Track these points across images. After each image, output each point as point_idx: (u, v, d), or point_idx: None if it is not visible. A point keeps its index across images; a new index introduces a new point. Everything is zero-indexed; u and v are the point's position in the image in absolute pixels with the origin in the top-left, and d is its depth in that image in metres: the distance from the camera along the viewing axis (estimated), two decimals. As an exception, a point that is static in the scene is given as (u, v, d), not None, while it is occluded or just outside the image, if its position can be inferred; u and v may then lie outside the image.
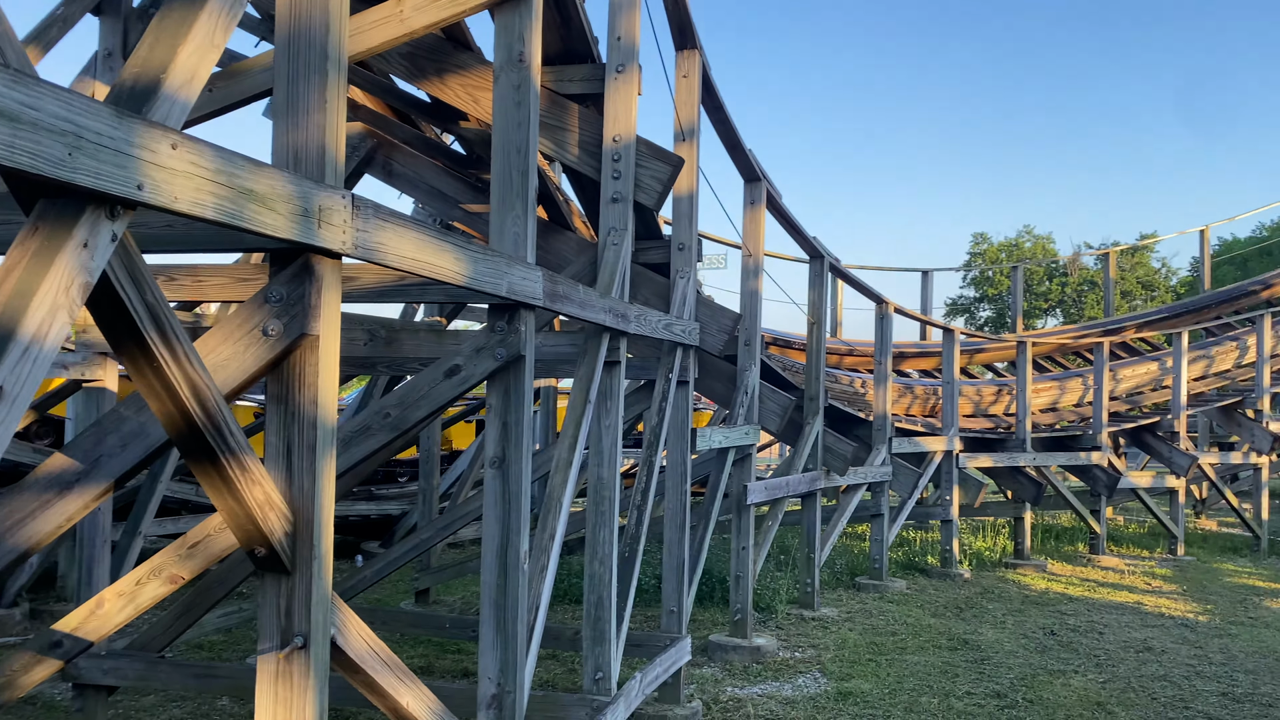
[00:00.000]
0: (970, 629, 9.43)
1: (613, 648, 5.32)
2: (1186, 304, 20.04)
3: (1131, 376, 16.65)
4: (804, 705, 6.83)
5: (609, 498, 5.38)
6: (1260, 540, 15.64)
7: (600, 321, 4.82)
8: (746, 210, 8.27)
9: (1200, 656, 8.63)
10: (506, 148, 4.11)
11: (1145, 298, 42.83)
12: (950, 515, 12.44)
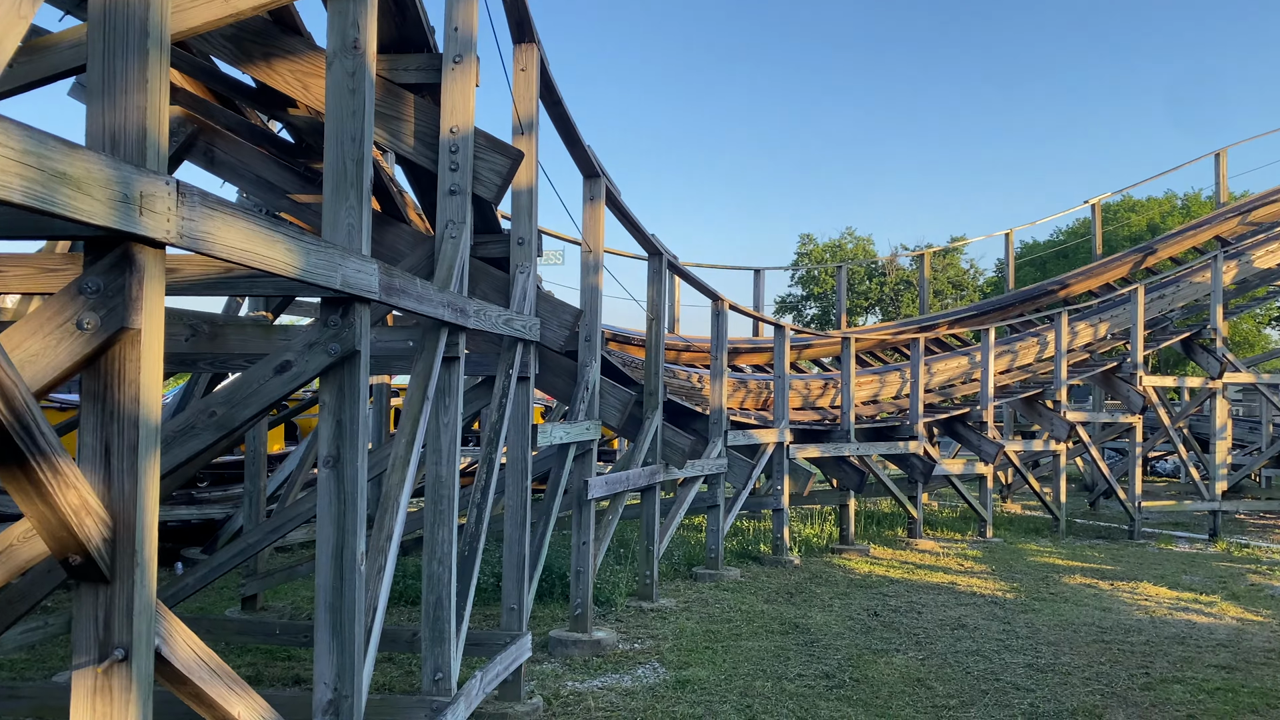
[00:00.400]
0: (800, 613, 9.80)
1: (452, 647, 5.25)
2: (993, 302, 21.44)
3: (944, 370, 17.68)
4: (643, 695, 6.93)
5: (448, 496, 5.31)
6: (1059, 521, 16.92)
7: (439, 316, 4.74)
8: (586, 206, 8.30)
9: (1008, 631, 9.26)
10: (340, 136, 3.99)
11: (956, 296, 45.56)
12: (781, 504, 12.89)
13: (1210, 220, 22.08)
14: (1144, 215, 45.10)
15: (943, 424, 16.53)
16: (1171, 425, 18.00)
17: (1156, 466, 28.35)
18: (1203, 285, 18.59)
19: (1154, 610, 10.45)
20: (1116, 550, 15.06)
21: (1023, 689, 7.31)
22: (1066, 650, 8.54)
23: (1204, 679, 7.63)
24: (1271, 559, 14.49)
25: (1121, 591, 11.54)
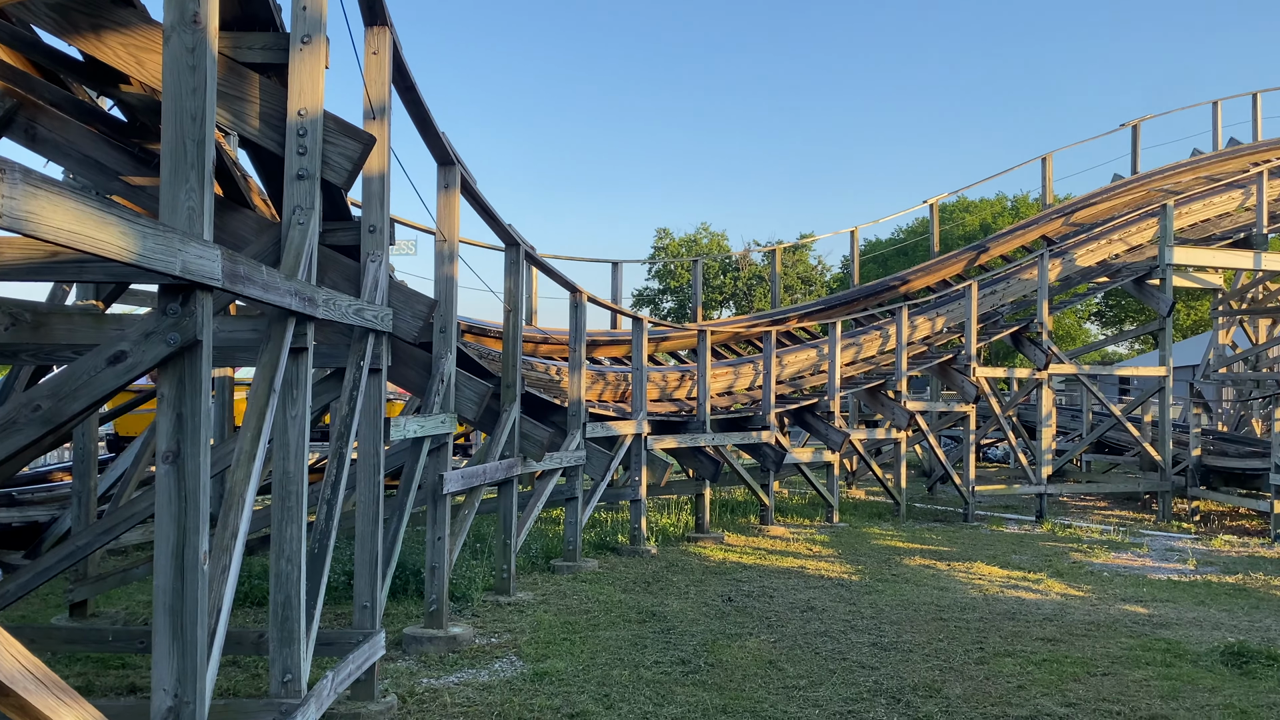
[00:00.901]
0: (657, 601, 9.93)
1: (302, 648, 5.08)
2: (839, 297, 22.22)
3: (795, 362, 18.23)
4: (500, 689, 6.89)
5: (296, 492, 5.13)
6: (900, 506, 17.72)
7: (286, 305, 4.57)
8: (441, 194, 8.16)
9: (854, 612, 9.64)
10: (180, 115, 3.79)
11: (805, 291, 46.98)
12: (639, 495, 13.02)
13: (1037, 221, 23.51)
14: (978, 215, 47.64)
15: (793, 414, 17.04)
16: (1002, 414, 19.10)
17: (988, 453, 30.04)
18: (1030, 282, 19.78)
19: (987, 588, 11.07)
20: (953, 532, 15.88)
21: (868, 667, 7.63)
22: (908, 629, 8.95)
23: (1032, 651, 8.14)
24: (1091, 538, 15.58)
25: (958, 571, 12.17)
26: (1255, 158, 23.86)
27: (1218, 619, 9.58)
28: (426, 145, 7.78)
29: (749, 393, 17.24)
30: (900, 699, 6.80)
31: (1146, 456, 18.81)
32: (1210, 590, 11.23)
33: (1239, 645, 8.08)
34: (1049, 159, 24.04)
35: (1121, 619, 9.48)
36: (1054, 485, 18.57)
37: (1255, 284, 24.15)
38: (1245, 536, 16.08)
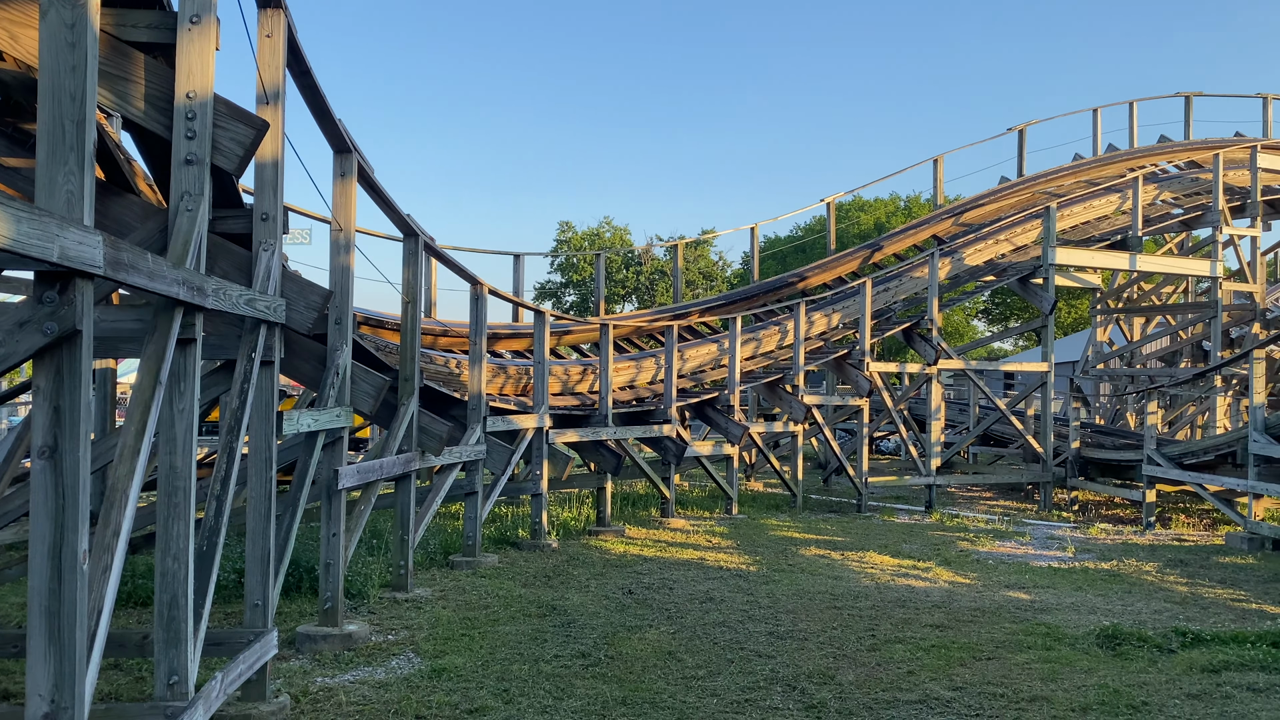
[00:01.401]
0: (558, 595, 9.92)
1: (189, 649, 4.91)
2: (740, 292, 22.52)
3: (696, 357, 18.41)
4: (398, 686, 6.79)
5: (183, 488, 4.95)
6: (797, 498, 18.08)
7: (172, 294, 4.41)
8: (337, 183, 7.97)
9: (752, 602, 9.80)
10: (58, 94, 3.61)
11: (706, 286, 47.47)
12: (540, 489, 12.98)
13: (928, 221, 24.23)
14: (873, 214, 48.87)
15: (694, 408, 17.21)
16: (894, 407, 19.65)
17: (881, 445, 30.88)
18: (921, 280, 20.39)
19: (879, 577, 11.39)
20: (846, 523, 16.28)
21: (764, 655, 7.77)
22: (803, 617, 9.14)
23: (921, 638, 8.41)
24: (977, 527, 16.17)
25: (850, 561, 12.49)
26: (1132, 163, 25.05)
27: (1094, 604, 10.06)
28: (323, 132, 7.59)
29: (651, 387, 17.34)
30: (795, 686, 6.95)
31: (1029, 449, 19.60)
32: (1087, 576, 11.77)
33: (1113, 628, 8.49)
34: (940, 161, 24.80)
35: (1005, 605, 9.86)
36: (942, 476, 19.20)
37: (1131, 284, 25.39)
38: (1120, 525, 16.90)
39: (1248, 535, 14.12)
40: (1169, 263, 22.67)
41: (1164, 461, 16.38)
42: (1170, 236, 25.09)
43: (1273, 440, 13.99)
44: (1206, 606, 10.06)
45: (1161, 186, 23.53)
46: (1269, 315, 23.00)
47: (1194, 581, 11.50)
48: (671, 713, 6.38)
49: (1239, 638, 8.16)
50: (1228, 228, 21.50)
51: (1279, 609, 9.98)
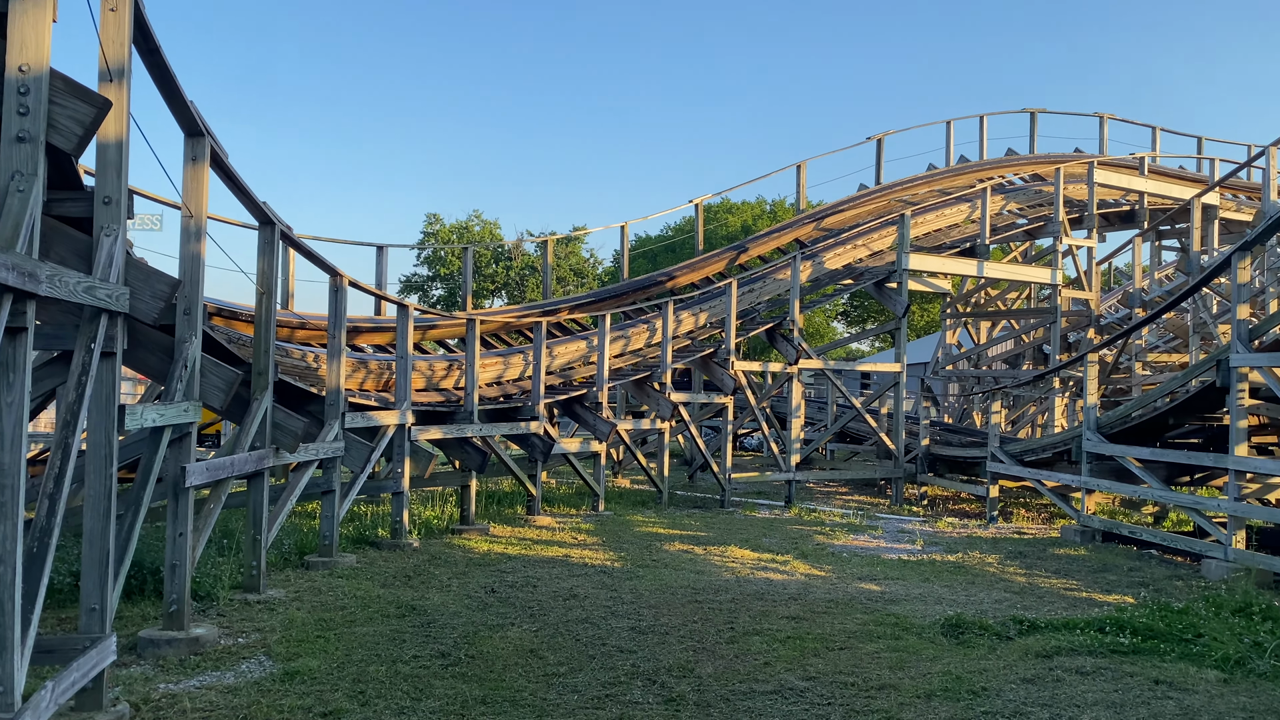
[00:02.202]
0: (418, 595, 9.75)
1: (16, 657, 4.61)
2: (610, 290, 22.62)
3: (565, 353, 18.40)
4: (247, 691, 6.55)
5: (11, 486, 4.64)
6: (663, 494, 18.30)
7: (1, 280, 4.13)
8: (188, 167, 7.62)
9: (615, 598, 9.86)
10: None
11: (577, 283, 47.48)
12: (401, 487, 12.72)
13: (791, 225, 24.88)
14: (739, 217, 49.87)
15: (562, 404, 17.20)
16: (757, 405, 20.11)
17: (745, 442, 31.56)
18: (784, 282, 20.93)
19: (739, 571, 11.64)
20: (710, 518, 16.58)
21: (626, 651, 7.83)
22: (665, 612, 9.26)
23: (778, 629, 8.63)
24: (833, 521, 16.70)
25: (713, 555, 12.72)
26: (981, 174, 26.33)
27: (940, 594, 10.53)
28: (173, 114, 7.24)
29: (518, 383, 17.23)
30: (656, 680, 7.03)
31: (883, 446, 20.38)
32: (934, 568, 12.32)
33: (956, 617, 8.92)
34: (803, 167, 25.48)
35: (858, 596, 10.23)
36: (802, 472, 19.76)
37: (978, 289, 26.69)
38: (965, 519, 17.76)
39: (1080, 528, 15.05)
40: (1013, 270, 23.93)
41: (1006, 459, 17.29)
42: (1015, 245, 26.48)
43: (1104, 439, 14.95)
44: (1042, 596, 10.67)
45: (1008, 197, 24.81)
46: (1103, 321, 24.56)
47: (1032, 572, 12.18)
48: (532, 710, 6.36)
49: (1070, 624, 8.68)
50: (1067, 238, 22.84)
51: (1106, 597, 10.67)
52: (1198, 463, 13.42)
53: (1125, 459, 14.35)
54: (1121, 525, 14.82)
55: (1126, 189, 24.33)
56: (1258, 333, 12.32)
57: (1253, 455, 12.51)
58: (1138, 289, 23.99)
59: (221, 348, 8.86)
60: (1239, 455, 12.10)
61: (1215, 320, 20.65)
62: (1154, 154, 26.57)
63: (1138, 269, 24.34)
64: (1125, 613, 9.15)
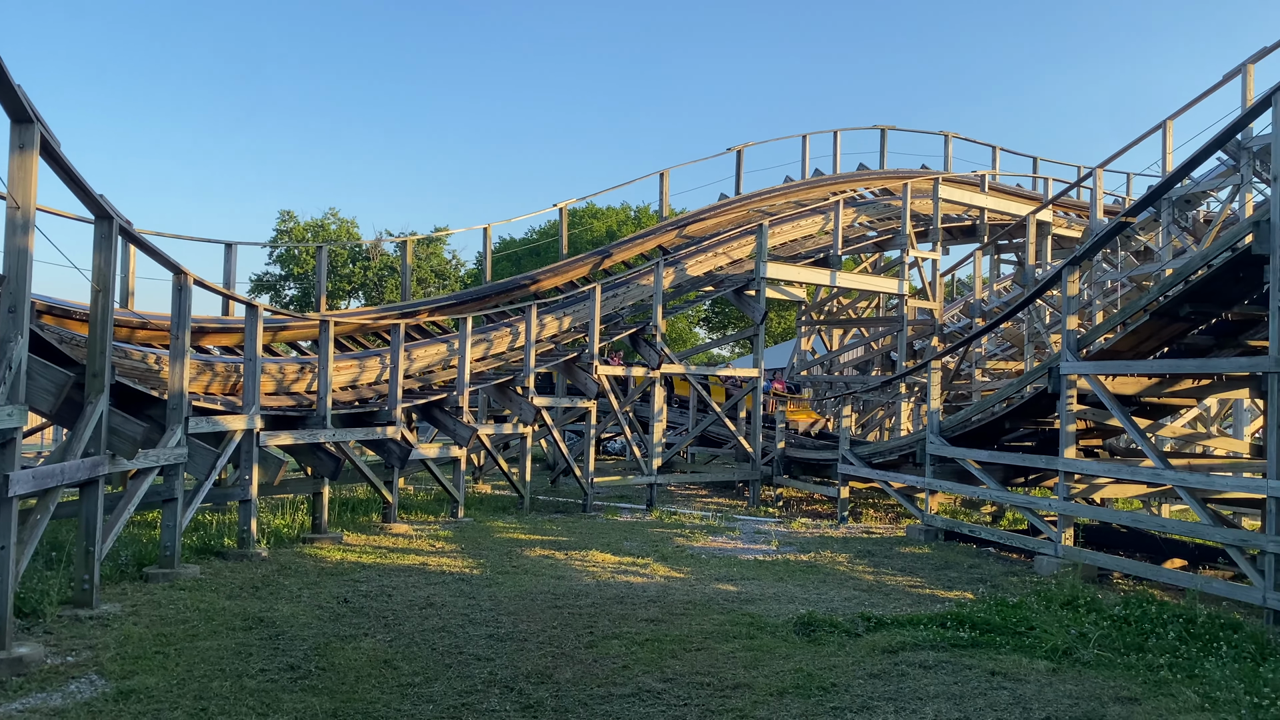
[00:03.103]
0: (266, 607, 9.39)
1: None
2: (472, 293, 22.35)
3: (425, 356, 18.06)
4: (76, 712, 6.15)
5: None
6: (524, 499, 18.18)
7: None
8: (14, 156, 7.12)
9: (473, 606, 9.73)
10: None
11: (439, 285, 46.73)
12: (249, 495, 12.22)
13: (655, 231, 25.17)
14: (605, 222, 50.07)
15: (421, 409, 16.87)
16: (620, 409, 20.23)
17: (608, 446, 31.71)
18: (647, 287, 21.14)
19: (600, 575, 11.67)
20: (572, 522, 16.57)
21: (484, 659, 7.74)
22: (524, 619, 9.20)
23: (637, 632, 8.69)
24: (693, 523, 16.96)
25: (574, 560, 12.71)
26: (835, 187, 27.26)
27: (793, 593, 10.83)
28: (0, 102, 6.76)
29: (375, 387, 16.81)
30: (513, 688, 6.97)
31: (741, 449, 20.82)
32: (788, 568, 12.66)
33: (808, 616, 9.18)
34: (666, 175, 25.82)
35: (715, 597, 10.41)
36: (663, 476, 19.99)
37: (831, 298, 27.62)
38: (818, 519, 18.32)
39: (925, 527, 15.75)
40: (864, 280, 24.86)
41: (856, 461, 17.93)
42: (866, 256, 27.54)
43: (946, 442, 15.68)
44: (889, 593, 11.11)
45: (859, 210, 25.77)
46: (945, 330, 25.79)
47: (879, 570, 12.67)
48: (385, 722, 6.21)
49: (914, 620, 9.07)
50: (913, 250, 23.88)
51: (948, 593, 11.20)
52: (1031, 464, 14.25)
53: (966, 461, 15.10)
54: (962, 524, 15.58)
55: (969, 205, 25.63)
56: (1085, 342, 13.17)
57: (1080, 458, 13.35)
58: (978, 300, 25.30)
59: (51, 348, 8.32)
60: (1068, 457, 12.90)
61: (1048, 330, 22.00)
62: (994, 172, 28.07)
63: (978, 281, 25.67)
64: (965, 608, 9.62)
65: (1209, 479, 11.33)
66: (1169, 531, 12.52)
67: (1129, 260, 22.04)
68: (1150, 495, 15.72)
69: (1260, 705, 6.64)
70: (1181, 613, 9.09)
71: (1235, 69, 17.14)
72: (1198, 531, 11.40)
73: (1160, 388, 12.91)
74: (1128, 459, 14.72)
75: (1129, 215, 14.03)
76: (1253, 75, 16.80)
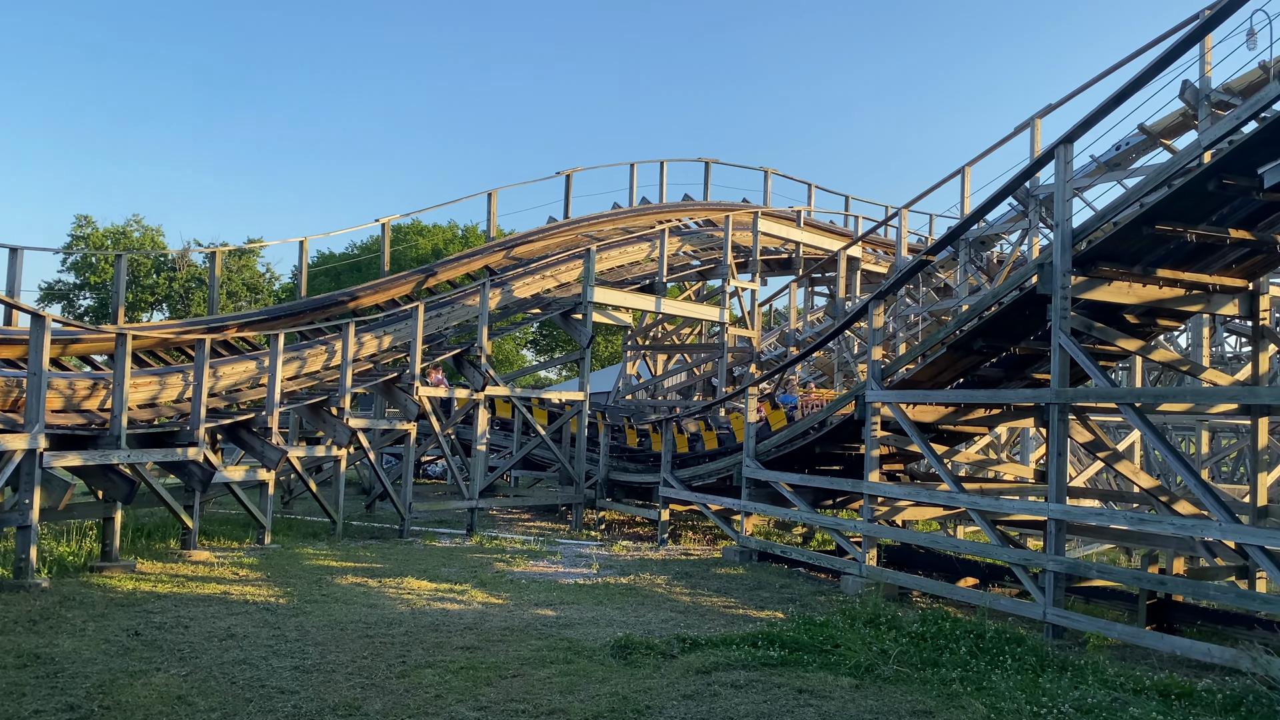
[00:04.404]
0: (45, 642, 8.64)
1: None
2: (286, 308, 21.43)
3: (232, 374, 17.17)
4: None
5: None
6: (337, 525, 17.51)
7: None
8: None
9: (278, 636, 9.27)
10: None
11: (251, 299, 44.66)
12: (29, 520, 11.24)
13: (482, 251, 24.92)
14: (431, 240, 49.25)
15: (227, 429, 16.01)
16: (441, 432, 19.84)
17: (428, 469, 31.02)
18: (473, 308, 20.89)
19: (415, 603, 11.36)
20: (388, 549, 16.08)
21: (288, 691, 7.37)
22: (333, 649, 8.84)
23: (452, 660, 8.50)
24: (514, 548, 16.78)
25: (388, 587, 12.33)
26: (661, 216, 27.80)
27: (611, 616, 10.87)
28: None
29: (177, 405, 15.83)
30: (319, 722, 6.68)
31: (565, 472, 20.80)
32: (608, 591, 12.71)
33: (625, 639, 9.24)
34: (494, 195, 25.64)
35: (534, 623, 10.32)
36: (485, 500, 19.71)
37: (657, 324, 28.11)
38: (639, 542, 18.50)
39: (740, 549, 16.17)
40: (687, 308, 25.45)
41: (677, 484, 18.25)
42: (690, 284, 28.19)
43: (761, 466, 16.19)
44: (704, 614, 11.33)
45: (684, 240, 26.38)
46: (763, 357, 26.69)
47: (695, 592, 12.90)
48: (175, 764, 5.81)
49: (727, 641, 9.27)
50: (734, 280, 24.65)
51: (760, 613, 11.52)
52: (839, 488, 14.89)
53: (779, 484, 15.62)
54: (775, 545, 16.10)
55: (786, 238, 26.69)
56: (889, 372, 13.91)
57: (884, 481, 14.06)
58: (793, 329, 26.35)
59: None
60: (872, 481, 13.56)
61: (856, 360, 23.13)
62: (809, 209, 29.35)
63: (793, 311, 26.74)
64: (775, 627, 9.92)
65: (998, 502, 12.17)
66: (963, 552, 13.35)
67: (930, 296, 23.49)
68: (947, 517, 16.72)
69: (1039, 714, 7.15)
70: (973, 628, 9.69)
71: (1025, 122, 18.61)
72: (987, 552, 12.20)
73: (956, 416, 13.78)
74: (927, 483, 15.63)
75: (929, 254, 14.97)
76: (1040, 129, 18.29)
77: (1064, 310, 10.82)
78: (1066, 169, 11.05)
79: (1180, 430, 24.27)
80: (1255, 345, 12.46)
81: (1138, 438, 17.90)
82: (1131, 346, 11.88)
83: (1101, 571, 11.30)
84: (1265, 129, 9.22)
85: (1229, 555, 11.85)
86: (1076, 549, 17.20)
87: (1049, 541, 10.87)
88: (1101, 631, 10.04)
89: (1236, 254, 11.56)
